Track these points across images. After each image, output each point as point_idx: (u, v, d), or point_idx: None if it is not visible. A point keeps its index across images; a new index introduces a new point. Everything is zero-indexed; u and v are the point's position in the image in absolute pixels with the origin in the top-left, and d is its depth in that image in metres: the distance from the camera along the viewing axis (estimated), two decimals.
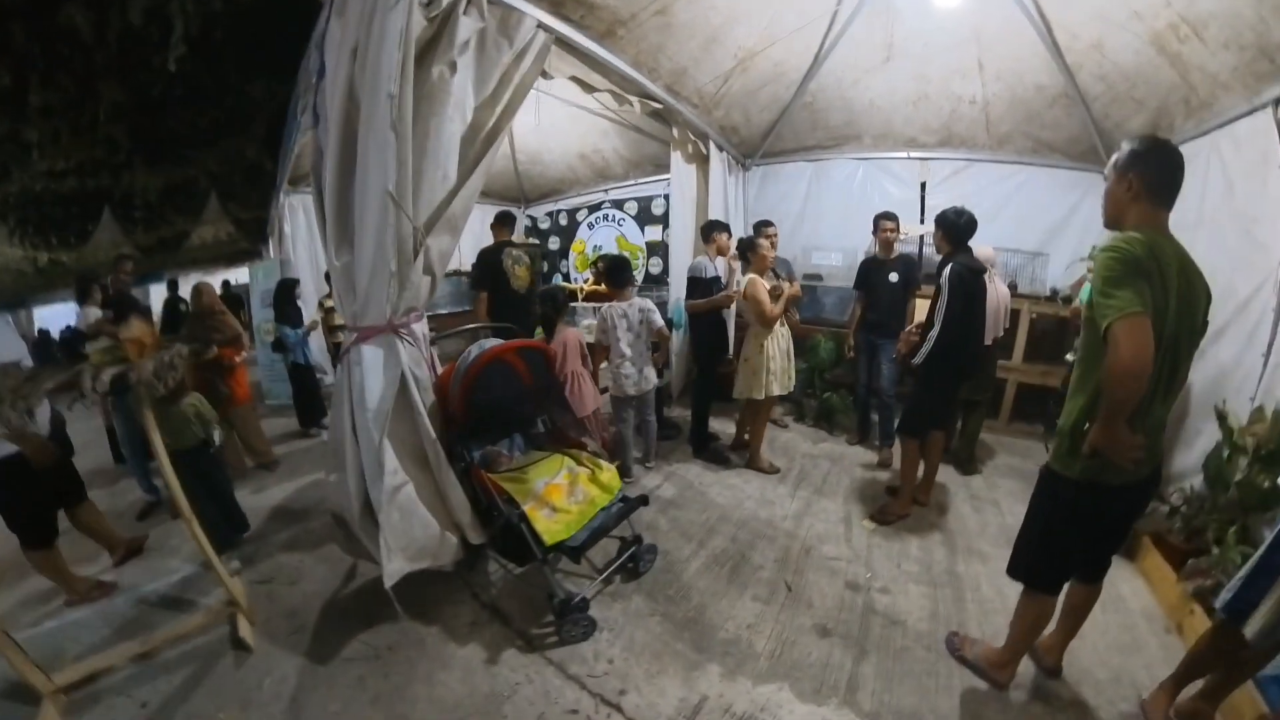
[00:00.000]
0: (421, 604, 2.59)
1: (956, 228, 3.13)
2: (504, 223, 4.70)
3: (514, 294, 4.39)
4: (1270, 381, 2.84)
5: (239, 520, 3.22)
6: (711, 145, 5.20)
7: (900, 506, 3.36)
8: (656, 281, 7.07)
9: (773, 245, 4.23)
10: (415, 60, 2.22)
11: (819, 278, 5.98)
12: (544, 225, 8.68)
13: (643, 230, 7.51)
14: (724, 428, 4.70)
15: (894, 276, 4.31)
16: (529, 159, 7.83)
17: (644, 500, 2.78)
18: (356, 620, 2.48)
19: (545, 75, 3.59)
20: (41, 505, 2.60)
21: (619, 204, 7.70)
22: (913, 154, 5.69)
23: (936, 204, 5.63)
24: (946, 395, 3.35)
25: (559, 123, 6.91)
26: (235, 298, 11.71)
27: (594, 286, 6.78)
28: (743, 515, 3.41)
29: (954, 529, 3.31)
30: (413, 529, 2.36)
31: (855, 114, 5.45)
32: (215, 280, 13.46)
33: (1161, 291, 1.55)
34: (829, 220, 6.09)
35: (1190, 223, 4.13)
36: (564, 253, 8.48)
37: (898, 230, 4.31)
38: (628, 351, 3.67)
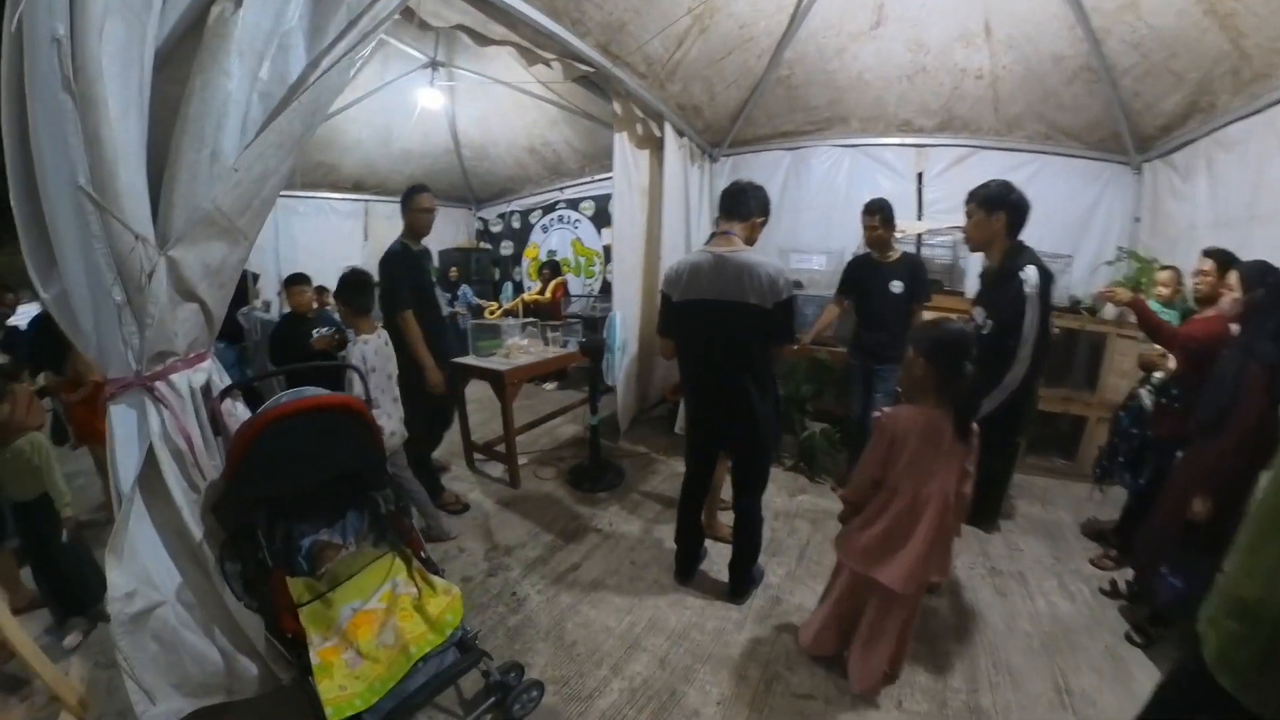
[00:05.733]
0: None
1: (1022, 209, 2.19)
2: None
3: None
4: None
5: (85, 589, 2.43)
6: (667, 126, 4.32)
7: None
8: None
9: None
10: None
11: (798, 285, 5.08)
12: (496, 228, 7.83)
13: (600, 232, 6.65)
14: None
15: (896, 285, 3.31)
16: (474, 153, 6.97)
17: (485, 655, 1.82)
18: None
19: (422, 25, 2.74)
20: None
21: (574, 204, 6.84)
22: (907, 140, 4.83)
23: (935, 198, 4.84)
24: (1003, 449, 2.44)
25: (503, 111, 6.13)
26: None
27: (535, 296, 5.89)
28: (681, 621, 2.41)
29: (973, 627, 2.40)
30: (183, 661, 1.68)
31: (840, 91, 4.59)
32: None
33: None
34: (810, 218, 5.22)
35: (1240, 217, 3.42)
36: (517, 258, 7.59)
37: (885, 227, 3.34)
38: (379, 397, 2.58)
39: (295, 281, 3.58)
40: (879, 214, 3.31)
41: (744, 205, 2.31)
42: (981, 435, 1.94)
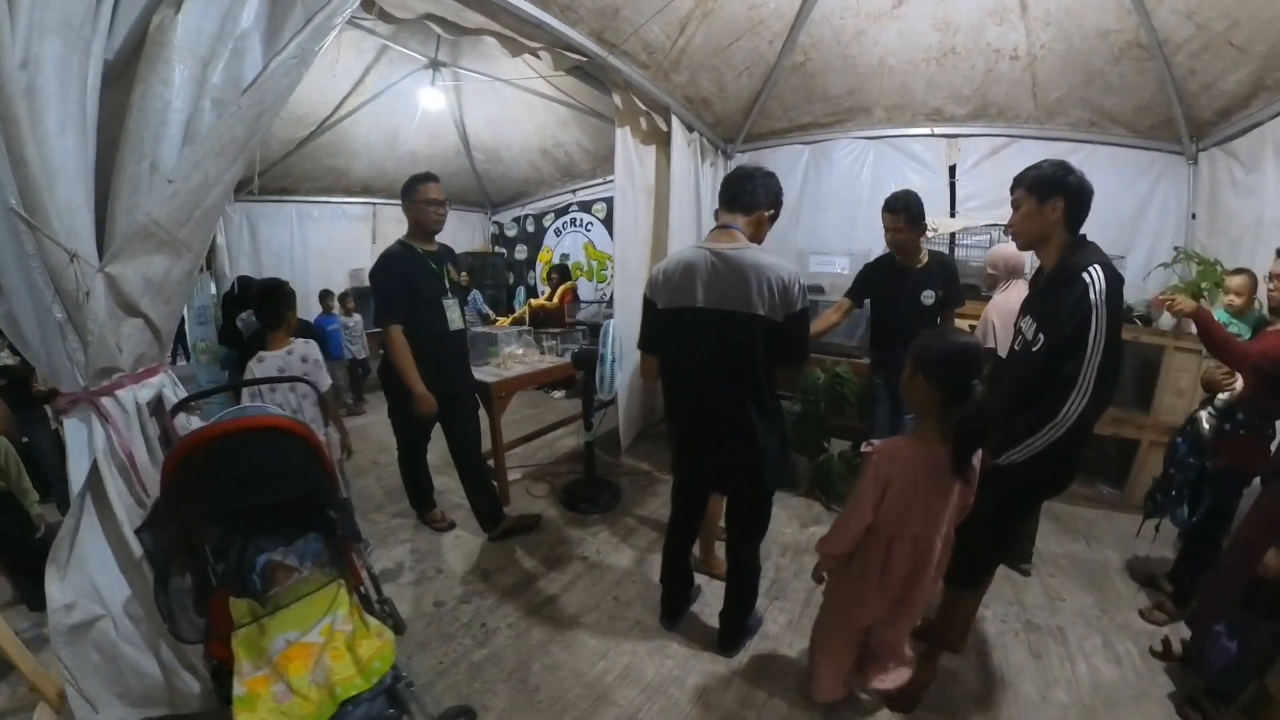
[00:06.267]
0: None
1: (1083, 194, 1.73)
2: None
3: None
4: None
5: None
6: (675, 120, 4.06)
7: (927, 673, 2.01)
8: None
9: None
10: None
11: (820, 290, 4.74)
12: (511, 232, 7.70)
13: (612, 235, 6.39)
14: None
15: (928, 296, 2.90)
16: (486, 157, 6.82)
17: (408, 712, 1.60)
18: None
19: (383, 16, 2.54)
20: None
21: (586, 206, 6.66)
22: (938, 130, 4.46)
23: (970, 193, 4.46)
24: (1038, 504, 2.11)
25: (513, 113, 5.99)
26: None
27: (543, 302, 5.68)
28: (660, 673, 2.10)
29: (1000, 697, 2.01)
30: (123, 673, 1.68)
31: (861, 78, 4.24)
32: None
33: None
34: (832, 217, 4.87)
35: None
36: (531, 262, 7.44)
37: (911, 227, 2.89)
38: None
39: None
40: (904, 211, 2.83)
41: (749, 194, 1.89)
42: (1027, 478, 1.68)
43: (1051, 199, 1.73)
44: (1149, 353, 3.61)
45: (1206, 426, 2.41)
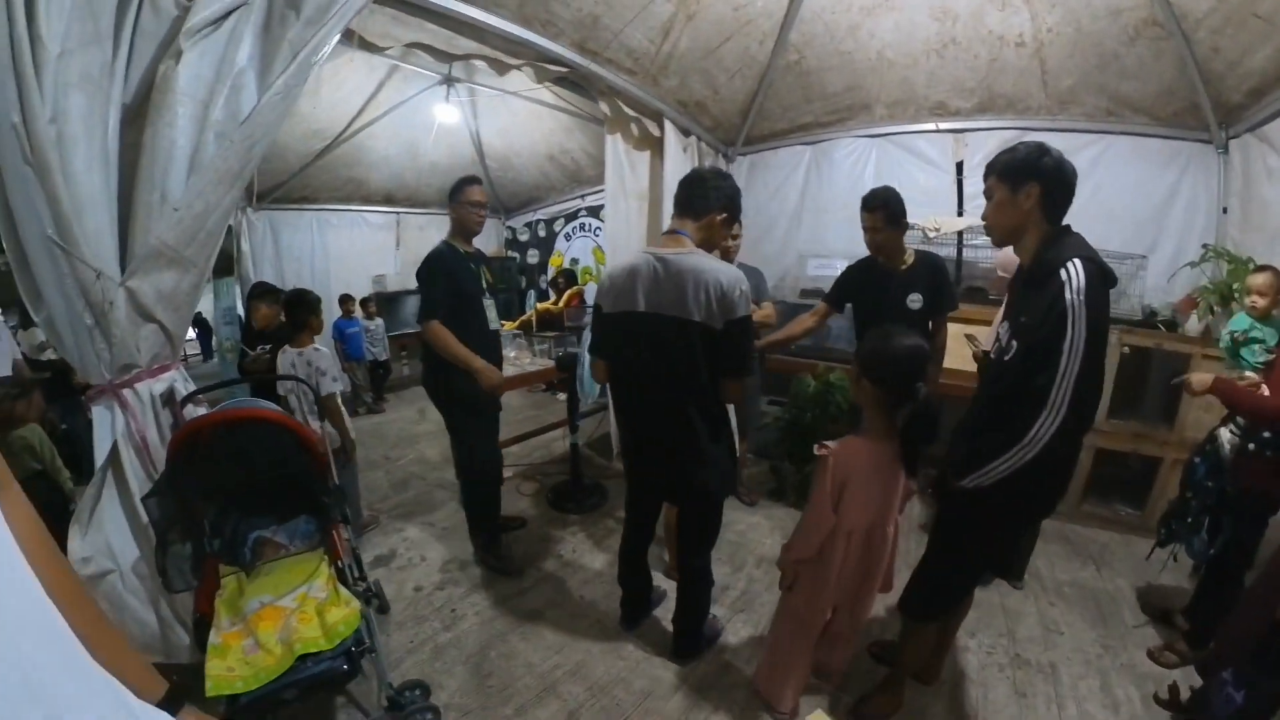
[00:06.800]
0: None
1: (1062, 178, 1.54)
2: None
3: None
4: None
5: None
6: (668, 125, 4.03)
7: (889, 703, 1.93)
8: None
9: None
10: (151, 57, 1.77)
11: (821, 294, 4.62)
12: (523, 237, 7.83)
13: None
14: None
15: (915, 299, 2.74)
16: (498, 164, 6.95)
17: (349, 675, 1.68)
18: None
19: (364, 45, 2.63)
20: None
21: (595, 211, 6.68)
22: (942, 125, 4.29)
23: (978, 190, 4.18)
24: (1018, 533, 2.00)
25: (522, 122, 6.12)
26: None
27: (548, 306, 5.72)
28: (609, 673, 2.11)
29: None
30: (126, 622, 1.93)
31: (859, 74, 4.12)
32: None
33: None
34: (833, 219, 4.72)
35: None
36: (543, 267, 7.54)
37: (891, 226, 2.73)
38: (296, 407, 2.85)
39: (254, 296, 3.49)
40: (882, 209, 2.67)
41: (700, 198, 1.87)
42: (994, 505, 1.57)
43: (1025, 185, 1.53)
44: (1174, 361, 3.35)
45: (1228, 446, 2.20)
